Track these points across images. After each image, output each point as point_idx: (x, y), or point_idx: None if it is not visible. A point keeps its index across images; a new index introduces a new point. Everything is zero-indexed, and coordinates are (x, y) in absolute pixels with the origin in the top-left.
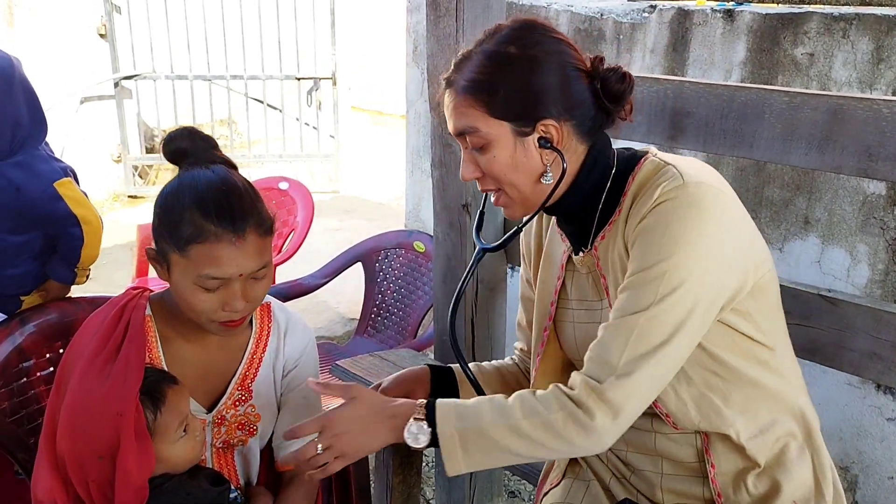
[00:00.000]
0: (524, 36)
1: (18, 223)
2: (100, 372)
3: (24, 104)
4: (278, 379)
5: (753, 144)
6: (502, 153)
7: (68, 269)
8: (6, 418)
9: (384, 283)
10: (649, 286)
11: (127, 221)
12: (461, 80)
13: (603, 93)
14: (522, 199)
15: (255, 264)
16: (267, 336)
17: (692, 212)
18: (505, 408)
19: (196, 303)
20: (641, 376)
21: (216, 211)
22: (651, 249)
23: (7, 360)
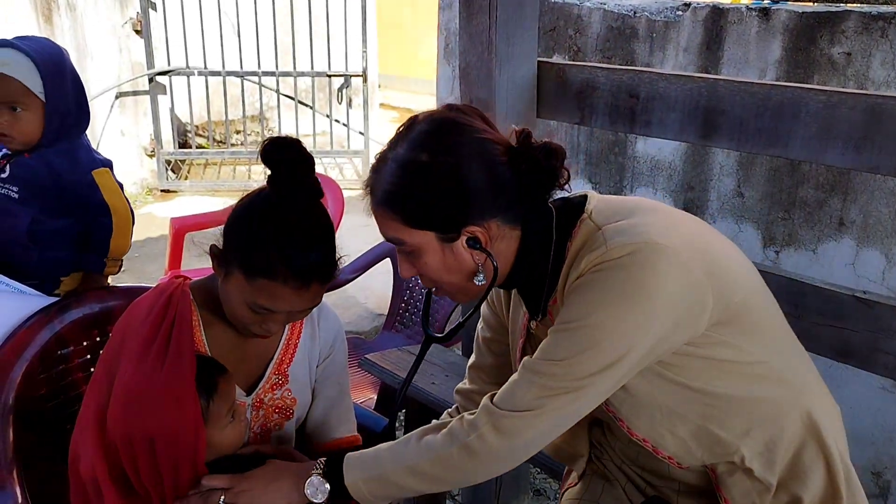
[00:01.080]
0: (436, 140)
1: (57, 208)
2: (154, 358)
3: (73, 94)
4: (313, 365)
5: (789, 143)
6: (432, 259)
7: (99, 258)
8: (45, 404)
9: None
10: (568, 338)
11: (160, 215)
12: (378, 189)
13: (532, 174)
14: (462, 293)
15: (307, 306)
16: (301, 323)
17: (614, 276)
18: (404, 450)
19: (239, 315)
20: (544, 415)
21: (294, 259)
22: (573, 307)
23: (46, 347)
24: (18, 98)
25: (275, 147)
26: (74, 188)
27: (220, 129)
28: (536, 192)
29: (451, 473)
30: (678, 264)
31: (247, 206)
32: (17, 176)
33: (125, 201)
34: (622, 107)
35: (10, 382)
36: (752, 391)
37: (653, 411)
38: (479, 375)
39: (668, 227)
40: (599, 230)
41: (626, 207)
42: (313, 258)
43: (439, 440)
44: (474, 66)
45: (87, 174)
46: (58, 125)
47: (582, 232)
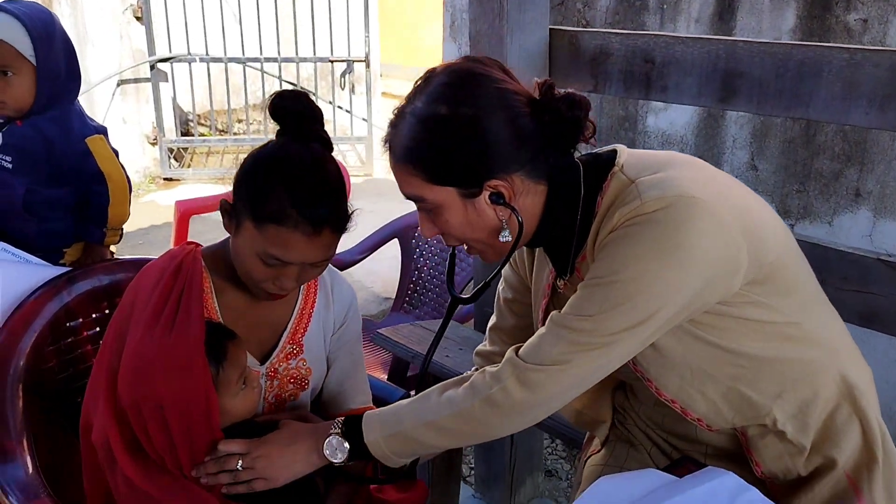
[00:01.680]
0: (455, 92)
1: (51, 177)
2: (164, 324)
3: (64, 58)
4: (328, 335)
5: (810, 104)
6: (454, 216)
7: (97, 227)
8: (55, 376)
9: (421, 259)
10: (599, 293)
11: (163, 203)
12: (397, 145)
13: (555, 125)
14: (490, 250)
15: (320, 257)
16: (315, 292)
17: (649, 231)
18: (425, 406)
19: (250, 270)
20: (570, 369)
21: (303, 201)
22: (605, 262)
23: (55, 319)
24: (9, 62)
25: (281, 99)
26: (67, 156)
27: (221, 117)
28: (561, 144)
29: (472, 427)
30: (715, 220)
31: (255, 157)
32: (9, 145)
33: (120, 168)
34: (637, 72)
35: (18, 352)
36: (784, 352)
37: (682, 371)
38: (500, 337)
39: (704, 182)
40: (633, 183)
41: (658, 161)
42: (324, 203)
43: (461, 394)
44: (485, 34)
45: (81, 142)
46: (49, 90)
47: (613, 186)
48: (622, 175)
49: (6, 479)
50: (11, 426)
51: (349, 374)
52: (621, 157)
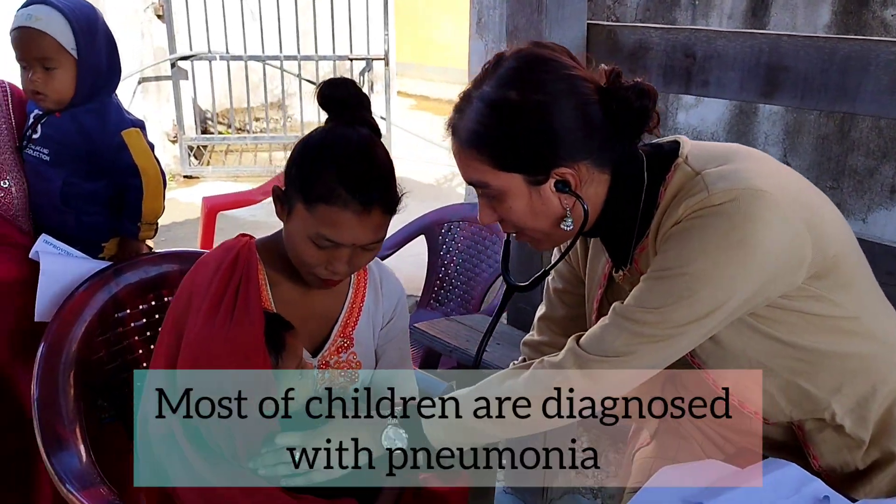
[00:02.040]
0: (526, 77)
1: (88, 170)
2: (223, 315)
3: (105, 53)
4: (377, 329)
5: (857, 98)
6: (517, 203)
7: (132, 222)
8: (103, 367)
9: (448, 255)
10: (664, 285)
11: (183, 200)
12: (463, 129)
13: (622, 114)
14: (547, 239)
15: (371, 238)
16: (364, 286)
17: (717, 223)
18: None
19: (303, 254)
20: (633, 361)
21: (353, 180)
22: (671, 254)
23: (104, 309)
24: (51, 55)
25: (329, 87)
26: (103, 149)
27: (240, 115)
28: (627, 133)
29: (533, 417)
30: (781, 214)
31: (304, 142)
32: (48, 137)
33: (155, 163)
34: (677, 67)
35: (70, 342)
36: (843, 346)
37: (741, 364)
38: (550, 327)
39: (769, 175)
40: (698, 175)
41: (722, 153)
42: (373, 182)
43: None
44: (523, 28)
45: (116, 135)
46: (90, 84)
47: (678, 177)
48: (686, 166)
49: (62, 467)
50: (64, 415)
51: (397, 367)
52: (685, 148)
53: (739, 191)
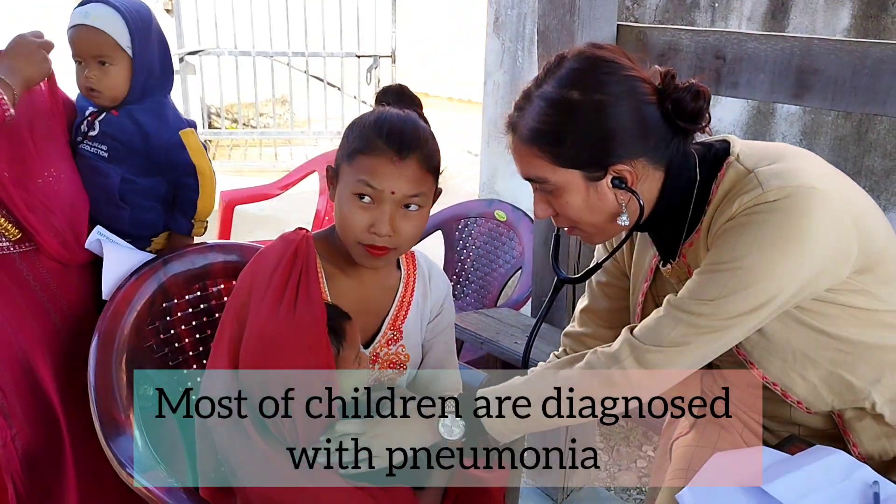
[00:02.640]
0: (587, 78)
1: (146, 167)
2: (287, 305)
3: (158, 52)
4: (424, 322)
5: (887, 101)
6: (575, 199)
7: (186, 219)
8: (153, 355)
9: (464, 251)
10: (719, 278)
11: None
12: (524, 126)
13: (677, 114)
14: (600, 233)
15: (410, 189)
16: (413, 281)
17: (772, 219)
18: (541, 385)
19: (346, 215)
20: (687, 351)
21: (388, 130)
22: (726, 248)
23: (153, 298)
24: (107, 52)
25: (384, 91)
26: (162, 148)
27: (247, 111)
28: (681, 132)
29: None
30: (832, 211)
31: (354, 119)
32: (106, 134)
33: (209, 163)
34: (708, 68)
35: (122, 329)
36: (884, 339)
37: (785, 355)
38: (592, 319)
39: (819, 174)
40: (751, 173)
41: (773, 152)
42: (409, 134)
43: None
44: (554, 28)
45: (175, 134)
46: (143, 83)
47: (730, 174)
48: (739, 164)
49: (120, 451)
50: (119, 400)
51: (443, 361)
52: (735, 147)
53: (793, 188)
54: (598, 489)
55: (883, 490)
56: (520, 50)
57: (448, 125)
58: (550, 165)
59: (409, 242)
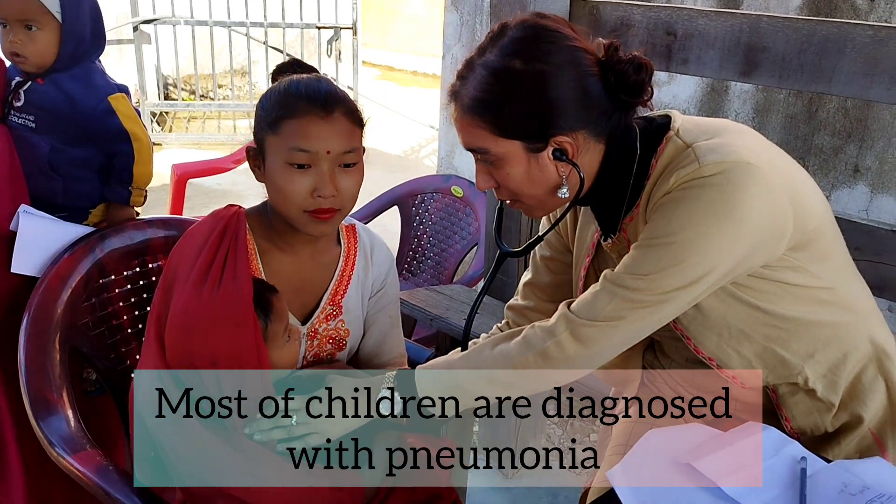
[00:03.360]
0: (529, 47)
1: (76, 136)
2: (212, 282)
3: (89, 17)
4: (366, 297)
5: (832, 80)
6: (516, 170)
7: (123, 187)
8: (88, 332)
9: (421, 226)
10: (654, 253)
11: None
12: (465, 96)
13: (619, 87)
14: (541, 206)
15: (343, 145)
16: (354, 255)
17: (707, 194)
18: (478, 359)
19: (286, 185)
20: (622, 325)
21: (306, 90)
22: (661, 223)
23: (89, 275)
24: (34, 16)
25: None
26: (90, 114)
27: (204, 82)
28: (623, 105)
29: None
30: (767, 187)
31: (264, 94)
32: (32, 103)
33: (144, 128)
34: (658, 45)
35: (56, 307)
36: (818, 315)
37: (721, 330)
38: (535, 292)
39: (758, 150)
40: (689, 147)
41: (712, 127)
42: (328, 90)
43: (514, 347)
44: (507, 3)
45: (104, 99)
46: (73, 49)
47: (669, 149)
48: (678, 139)
49: (51, 431)
50: (52, 379)
51: (386, 336)
52: (676, 121)
53: (729, 163)
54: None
55: (810, 466)
56: (478, 24)
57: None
58: (492, 136)
59: (352, 201)
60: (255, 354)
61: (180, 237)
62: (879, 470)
